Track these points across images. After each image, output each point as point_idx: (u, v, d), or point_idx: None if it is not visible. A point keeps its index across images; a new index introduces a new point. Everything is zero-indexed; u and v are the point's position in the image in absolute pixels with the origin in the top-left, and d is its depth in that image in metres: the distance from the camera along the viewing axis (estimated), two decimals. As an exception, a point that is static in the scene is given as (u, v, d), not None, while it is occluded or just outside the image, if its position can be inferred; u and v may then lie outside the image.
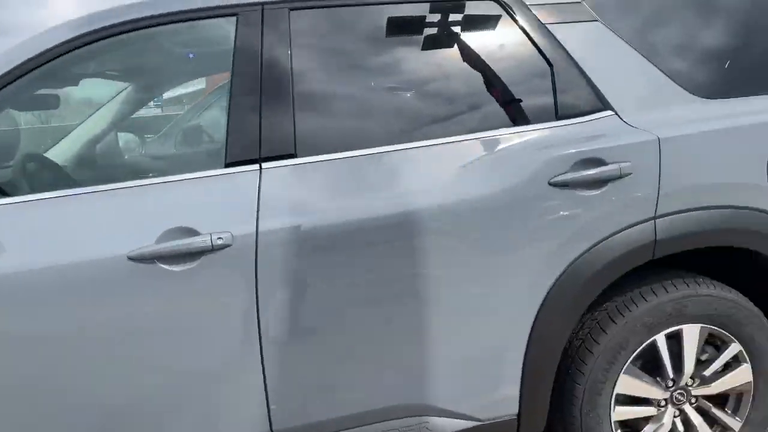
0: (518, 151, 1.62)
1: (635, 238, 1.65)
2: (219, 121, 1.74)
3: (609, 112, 1.70)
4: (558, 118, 1.68)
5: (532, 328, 1.65)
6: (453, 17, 1.70)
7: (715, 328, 1.78)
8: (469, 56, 1.69)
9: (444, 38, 1.70)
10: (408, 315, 1.56)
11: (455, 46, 1.70)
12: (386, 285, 1.54)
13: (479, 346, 1.64)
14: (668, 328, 1.75)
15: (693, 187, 1.69)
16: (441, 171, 1.58)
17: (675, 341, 1.77)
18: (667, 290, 1.74)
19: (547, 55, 1.69)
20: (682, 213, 1.68)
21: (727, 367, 1.84)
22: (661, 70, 1.75)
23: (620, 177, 1.62)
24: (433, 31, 1.69)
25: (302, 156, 1.54)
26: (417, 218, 1.53)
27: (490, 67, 1.71)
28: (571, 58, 1.70)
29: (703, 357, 1.84)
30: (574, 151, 1.62)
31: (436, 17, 1.69)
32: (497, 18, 1.71)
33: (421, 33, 1.68)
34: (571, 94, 1.70)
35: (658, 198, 1.66)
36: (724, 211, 1.70)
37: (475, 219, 1.56)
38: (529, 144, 1.64)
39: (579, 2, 1.75)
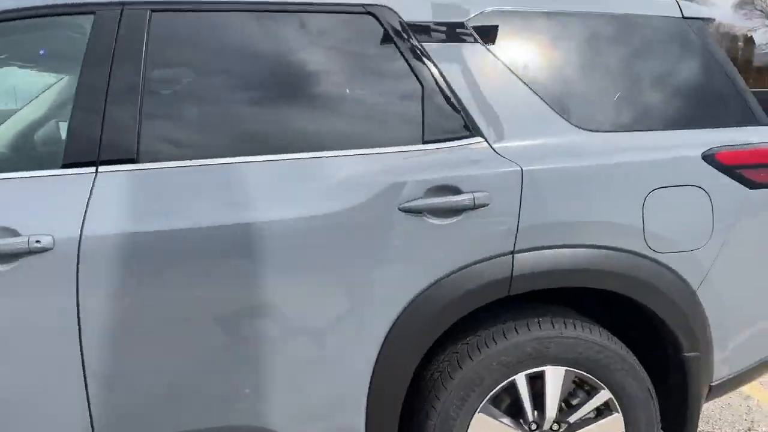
0: (372, 173, 1.56)
1: (489, 273, 1.58)
2: (60, 120, 1.71)
3: (479, 139, 1.63)
4: (424, 141, 1.62)
5: (377, 358, 1.58)
6: (324, 30, 1.65)
7: (582, 372, 1.68)
8: (336, 71, 1.64)
9: (311, 51, 1.64)
10: (236, 334, 1.51)
11: (323, 60, 1.65)
12: (211, 301, 1.48)
13: (318, 374, 1.57)
14: (529, 368, 1.66)
15: (556, 224, 1.61)
16: (286, 186, 1.52)
17: (540, 382, 1.69)
18: (530, 329, 1.66)
19: (419, 76, 1.64)
20: (543, 249, 1.60)
21: (600, 414, 1.75)
22: (543, 99, 1.68)
23: (474, 207, 1.55)
24: (301, 43, 1.64)
25: (144, 162, 1.50)
26: (248, 233, 1.47)
27: (358, 85, 1.66)
28: (445, 81, 1.64)
29: (575, 402, 1.75)
30: (428, 177, 1.55)
31: (305, 29, 1.64)
32: (372, 34, 1.65)
33: (289, 45, 1.63)
34: (441, 118, 1.63)
35: (517, 232, 1.59)
36: (588, 250, 1.62)
37: (315, 239, 1.50)
38: (386, 166, 1.57)
39: (461, 23, 1.69)
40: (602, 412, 1.75)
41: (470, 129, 1.63)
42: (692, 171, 1.68)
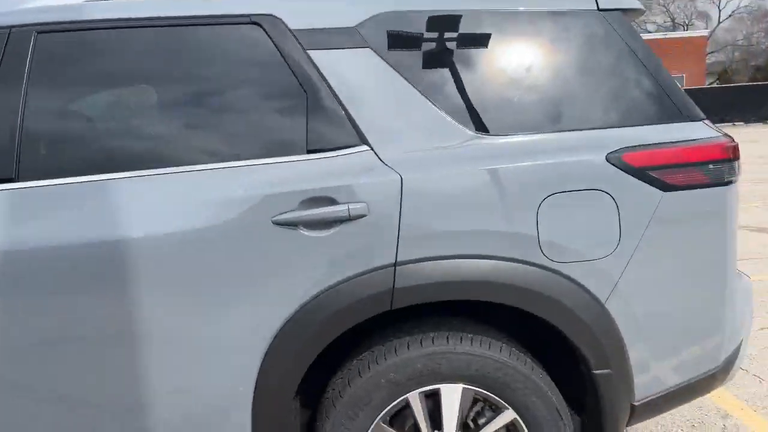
0: (250, 186, 1.52)
1: (368, 286, 1.51)
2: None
3: (364, 148, 1.57)
4: (308, 151, 1.58)
5: (258, 377, 1.54)
6: (210, 42, 1.64)
7: (481, 390, 1.59)
8: (222, 84, 1.62)
9: (198, 64, 1.63)
10: (109, 354, 1.50)
11: (209, 72, 1.63)
12: (83, 318, 1.47)
13: (198, 394, 1.54)
14: (423, 386, 1.58)
15: (440, 234, 1.53)
16: (159, 201, 1.50)
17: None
18: (423, 344, 1.58)
19: (304, 85, 1.60)
20: (426, 261, 1.52)
21: (512, 435, 1.64)
22: (435, 104, 1.60)
23: (350, 219, 1.49)
24: (187, 56, 1.62)
25: (23, 180, 1.52)
26: (119, 250, 1.46)
27: (244, 96, 1.63)
28: (329, 88, 1.59)
29: (481, 421, 1.66)
30: (302, 188, 1.51)
31: (191, 42, 1.63)
32: (258, 43, 1.63)
33: (174, 59, 1.62)
34: (325, 126, 1.58)
35: (398, 243, 1.52)
36: (474, 261, 1.52)
37: (187, 256, 1.48)
38: (266, 178, 1.53)
39: (351, 27, 1.64)
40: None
41: (356, 137, 1.58)
42: (595, 174, 1.56)
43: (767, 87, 25.94)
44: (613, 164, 1.57)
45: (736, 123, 24.69)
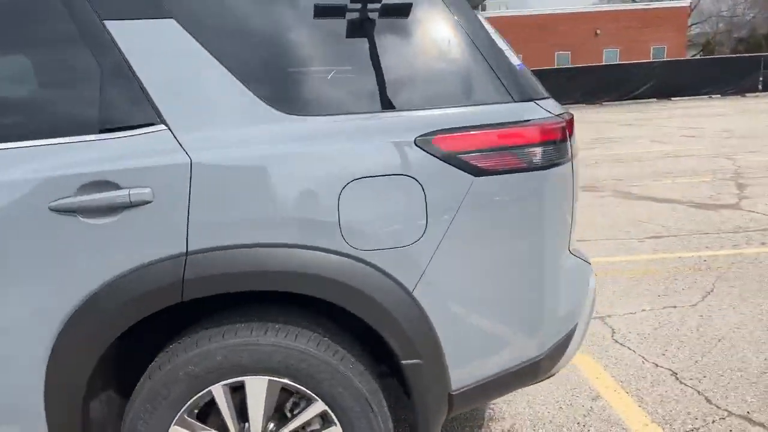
0: (28, 168, 1.43)
1: (157, 277, 1.44)
2: None
3: (161, 127, 1.48)
4: (100, 131, 1.48)
5: (48, 368, 1.47)
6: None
7: (288, 382, 1.54)
8: (3, 52, 1.51)
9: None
10: None
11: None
12: None
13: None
14: (226, 378, 1.53)
15: (236, 222, 1.45)
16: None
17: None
18: (225, 336, 1.52)
19: (98, 58, 1.49)
20: (221, 250, 1.45)
21: (327, 425, 1.60)
22: (242, 81, 1.51)
23: (132, 205, 1.41)
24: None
25: None
26: None
27: (28, 67, 1.53)
28: (126, 62, 1.49)
29: (296, 412, 1.61)
30: (79, 171, 1.42)
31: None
32: (46, 7, 1.50)
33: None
34: (120, 104, 1.48)
35: (188, 232, 1.44)
36: (270, 250, 1.45)
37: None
38: (45, 160, 1.44)
39: None
40: (327, 423, 1.60)
41: (154, 117, 1.48)
42: (401, 159, 1.49)
43: (747, 59, 25.90)
44: (422, 148, 1.49)
45: (713, 96, 24.74)
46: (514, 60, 1.73)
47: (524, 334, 1.65)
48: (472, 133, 1.53)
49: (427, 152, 1.50)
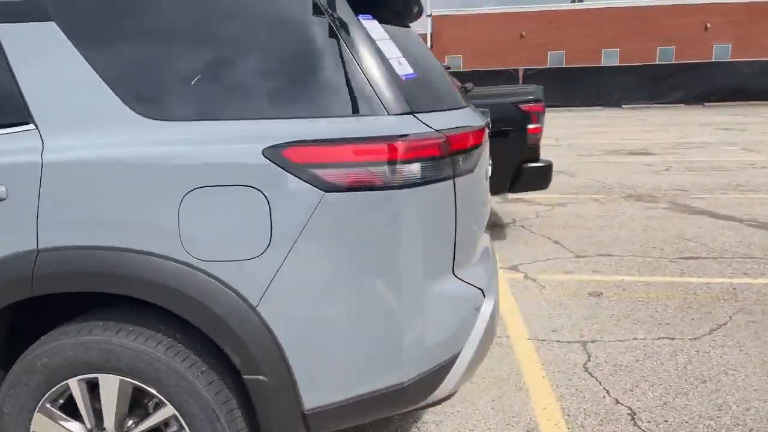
0: None
1: (8, 270, 1.51)
2: None
3: (31, 127, 1.54)
4: (-23, 130, 1.56)
5: None
6: None
7: (139, 383, 1.56)
8: None
9: None
10: None
11: None
12: None
13: None
14: (81, 374, 1.57)
15: (79, 222, 1.48)
16: None
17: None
18: (80, 333, 1.56)
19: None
20: (65, 250, 1.49)
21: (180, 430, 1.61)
22: (108, 83, 1.53)
23: (-11, 201, 1.48)
24: None
25: None
26: None
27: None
28: (7, 62, 1.56)
29: (152, 414, 1.63)
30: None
31: None
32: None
33: None
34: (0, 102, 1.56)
35: (37, 230, 1.49)
36: (106, 253, 1.47)
37: None
38: None
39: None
40: (179, 428, 1.61)
41: (26, 116, 1.55)
42: (246, 169, 1.45)
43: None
44: (271, 159, 1.44)
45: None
46: (402, 70, 1.63)
47: (382, 359, 1.56)
48: (324, 146, 1.45)
49: (276, 164, 1.44)
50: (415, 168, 1.49)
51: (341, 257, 1.49)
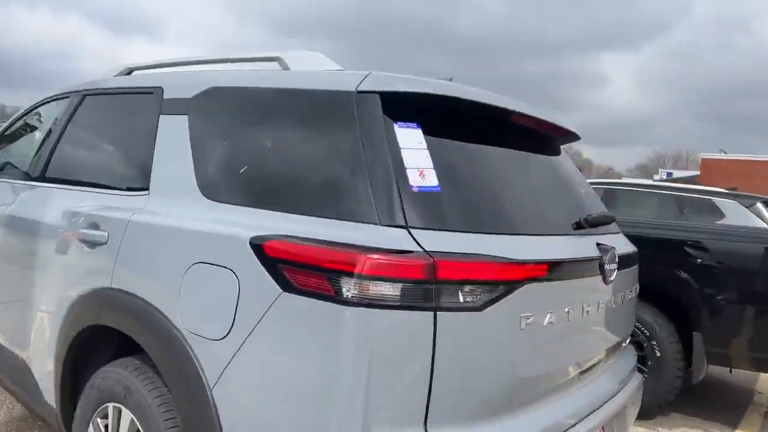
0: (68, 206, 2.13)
1: (90, 300, 1.88)
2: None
3: (145, 192, 1.94)
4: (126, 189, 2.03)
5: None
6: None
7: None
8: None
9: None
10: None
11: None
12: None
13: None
14: (113, 401, 1.81)
15: (130, 270, 1.78)
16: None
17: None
18: (120, 366, 1.82)
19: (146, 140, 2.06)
20: (121, 293, 1.78)
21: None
22: (195, 166, 1.82)
23: (102, 243, 1.89)
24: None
25: None
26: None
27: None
28: (153, 142, 2.01)
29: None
30: (85, 212, 2.01)
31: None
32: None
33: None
34: (136, 171, 2.02)
35: (113, 272, 1.83)
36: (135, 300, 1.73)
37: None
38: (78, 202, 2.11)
39: (188, 98, 1.99)
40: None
41: (147, 184, 1.96)
42: (232, 253, 1.50)
43: None
44: (252, 248, 1.47)
45: None
46: (419, 182, 1.47)
47: None
48: (295, 245, 1.41)
49: (255, 253, 1.47)
50: (379, 287, 1.31)
51: (284, 359, 1.39)
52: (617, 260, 1.88)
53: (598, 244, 1.83)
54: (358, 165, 1.47)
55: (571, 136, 2.26)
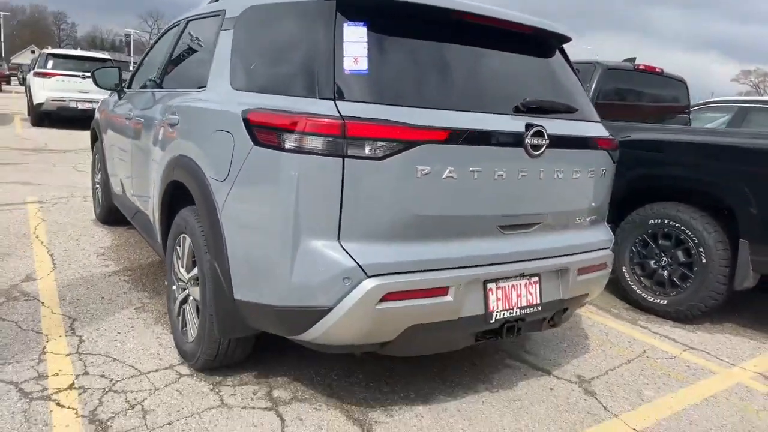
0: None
1: (174, 165, 2.72)
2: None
3: (204, 88, 2.69)
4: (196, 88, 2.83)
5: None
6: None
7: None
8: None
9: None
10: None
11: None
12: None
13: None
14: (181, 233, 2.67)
15: (188, 139, 2.58)
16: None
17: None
18: (188, 208, 2.66)
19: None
20: (180, 157, 2.60)
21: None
22: (231, 68, 2.51)
23: (176, 124, 2.72)
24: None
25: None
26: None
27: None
28: (214, 52, 2.74)
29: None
30: (171, 104, 2.83)
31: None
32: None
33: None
34: (203, 74, 2.77)
35: (179, 142, 2.64)
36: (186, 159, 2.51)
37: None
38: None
39: (236, 16, 2.67)
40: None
41: (205, 82, 2.72)
42: (233, 122, 2.18)
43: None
44: (242, 118, 2.13)
45: None
46: (352, 66, 1.99)
47: (263, 279, 2.09)
48: (262, 112, 2.06)
49: (243, 121, 2.13)
50: (308, 140, 1.90)
51: (254, 193, 2.08)
52: (547, 138, 2.22)
53: (528, 124, 2.18)
54: (313, 56, 2.04)
55: (554, 36, 2.53)
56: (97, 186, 5.08)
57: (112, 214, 4.70)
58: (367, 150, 1.91)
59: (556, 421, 2.46)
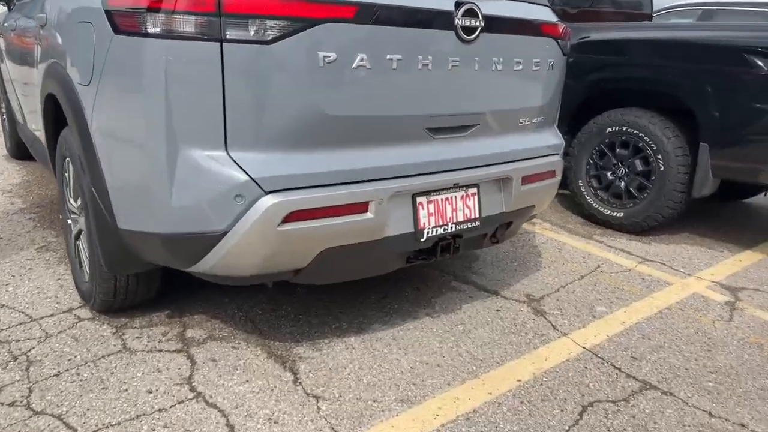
0: None
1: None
2: None
3: None
4: None
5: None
6: None
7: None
8: None
9: None
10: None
11: None
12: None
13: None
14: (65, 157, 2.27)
15: None
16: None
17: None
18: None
19: None
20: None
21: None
22: None
23: (44, 25, 2.24)
24: None
25: None
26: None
27: None
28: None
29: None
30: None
31: None
32: None
33: None
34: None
35: (52, 47, 2.19)
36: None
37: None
38: None
39: None
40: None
41: None
42: (96, 14, 1.74)
43: None
44: (102, 7, 1.70)
45: None
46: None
47: (137, 202, 1.71)
48: (121, -6, 1.63)
49: (102, 8, 1.70)
50: (172, 19, 1.50)
51: (120, 101, 1.67)
52: (482, 20, 1.85)
53: (458, 2, 1.81)
54: None
55: None
56: (4, 117, 4.53)
57: (23, 148, 4.19)
58: (251, 31, 1.52)
59: (501, 344, 2.24)
